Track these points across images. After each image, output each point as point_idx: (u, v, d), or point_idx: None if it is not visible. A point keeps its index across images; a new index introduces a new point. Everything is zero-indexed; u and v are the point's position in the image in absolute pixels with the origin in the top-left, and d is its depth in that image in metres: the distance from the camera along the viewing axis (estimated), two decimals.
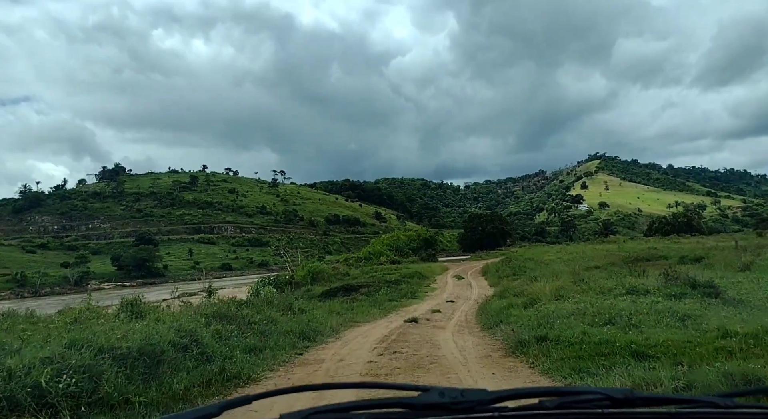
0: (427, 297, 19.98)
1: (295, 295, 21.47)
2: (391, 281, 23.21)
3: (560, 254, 28.69)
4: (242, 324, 9.95)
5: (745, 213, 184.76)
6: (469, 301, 17.15)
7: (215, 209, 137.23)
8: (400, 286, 21.90)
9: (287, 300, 14.35)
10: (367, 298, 18.33)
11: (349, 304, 16.60)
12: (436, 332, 10.86)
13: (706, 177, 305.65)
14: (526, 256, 29.56)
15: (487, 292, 20.04)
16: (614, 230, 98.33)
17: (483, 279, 27.61)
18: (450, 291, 21.93)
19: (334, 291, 20.70)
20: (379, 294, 19.14)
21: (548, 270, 19.52)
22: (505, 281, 20.95)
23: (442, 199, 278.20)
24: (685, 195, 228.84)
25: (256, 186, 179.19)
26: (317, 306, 15.66)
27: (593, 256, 24.22)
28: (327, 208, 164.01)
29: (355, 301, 17.47)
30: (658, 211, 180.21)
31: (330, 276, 27.14)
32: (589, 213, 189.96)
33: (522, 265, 24.85)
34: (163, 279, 78.94)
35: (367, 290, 20.36)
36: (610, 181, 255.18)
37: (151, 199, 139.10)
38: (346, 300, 17.81)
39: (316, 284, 24.46)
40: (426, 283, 25.73)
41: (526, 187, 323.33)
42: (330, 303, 16.62)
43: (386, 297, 18.46)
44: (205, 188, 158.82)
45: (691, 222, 49.38)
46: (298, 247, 50.15)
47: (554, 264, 22.80)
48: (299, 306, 13.82)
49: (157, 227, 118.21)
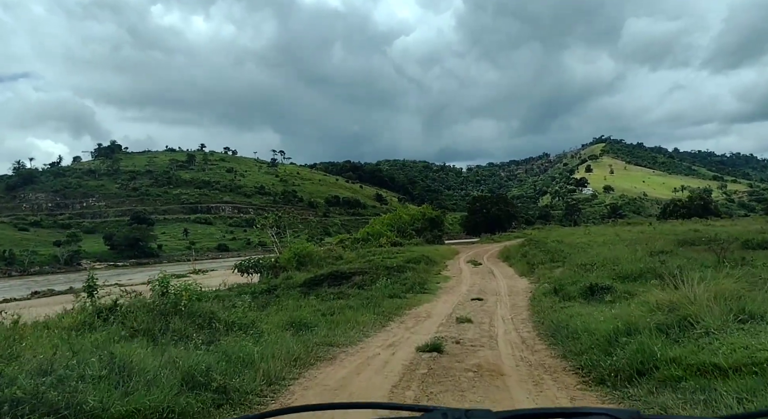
0: (440, 291, 15.50)
1: (269, 284, 17.37)
2: (392, 267, 19.16)
3: (590, 236, 24.26)
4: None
5: (752, 197, 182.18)
6: (502, 299, 13.00)
7: (213, 189, 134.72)
8: (404, 275, 17.67)
9: (209, 305, 7.98)
10: (359, 293, 14.12)
11: (332, 302, 12.37)
12: (489, 388, 5.57)
13: (712, 161, 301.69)
14: (552, 238, 25.28)
15: (518, 284, 16.05)
16: (622, 214, 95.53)
17: (506, 266, 23.55)
18: (469, 282, 17.69)
19: (319, 279, 17.16)
20: (377, 286, 15.00)
21: (601, 256, 14.84)
22: (543, 269, 16.81)
23: (444, 181, 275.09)
24: (691, 179, 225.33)
25: (255, 166, 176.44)
26: (281, 308, 11.32)
27: (637, 239, 20.23)
28: (327, 189, 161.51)
29: (342, 297, 13.43)
30: (664, 195, 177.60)
31: (320, 259, 23.47)
32: (594, 197, 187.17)
33: (557, 249, 20.44)
34: (157, 260, 76.76)
35: (362, 279, 16.60)
36: (615, 165, 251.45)
37: (147, 178, 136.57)
38: (332, 294, 13.98)
39: (302, 269, 20.80)
40: (436, 270, 21.71)
41: (530, 170, 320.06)
42: (304, 302, 12.45)
43: (386, 292, 14.16)
44: (202, 167, 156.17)
45: (707, 205, 46.91)
46: (286, 225, 46.24)
47: (597, 247, 18.38)
48: (235, 316, 8.05)
49: (153, 206, 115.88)
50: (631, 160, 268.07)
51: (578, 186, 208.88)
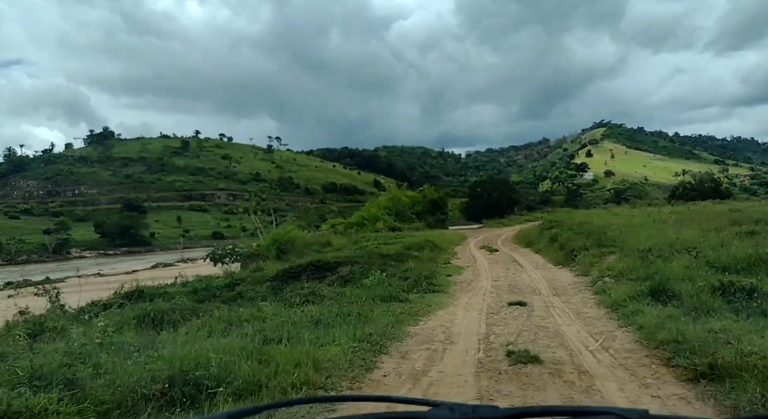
0: (455, 287, 11.77)
1: (232, 278, 14.68)
2: (389, 256, 15.84)
3: (619, 218, 20.77)
4: None
5: (754, 181, 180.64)
6: (550, 302, 9.39)
7: (207, 175, 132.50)
8: (405, 265, 14.27)
9: None
10: (341, 292, 10.47)
11: (293, 310, 8.58)
12: None
13: (713, 145, 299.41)
14: (576, 220, 21.72)
15: (558, 276, 12.65)
16: (626, 197, 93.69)
17: (530, 252, 20.21)
18: (490, 274, 14.05)
19: (296, 271, 14.27)
20: (368, 281, 11.53)
21: (664, 239, 12.10)
22: (588, 257, 13.70)
23: (442, 167, 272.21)
24: (693, 163, 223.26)
25: (250, 152, 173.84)
26: (191, 330, 7.31)
27: (681, 219, 17.23)
28: (324, 175, 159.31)
29: (313, 299, 9.80)
30: (665, 180, 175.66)
31: (305, 246, 20.62)
32: (595, 182, 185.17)
33: (600, 231, 16.77)
34: (149, 248, 74.76)
35: (349, 270, 13.64)
36: (616, 149, 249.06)
37: (141, 165, 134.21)
38: (300, 295, 10.40)
39: (283, 257, 17.99)
40: (444, 259, 18.32)
41: (529, 155, 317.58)
42: (247, 311, 8.66)
43: (379, 290, 10.32)
44: (197, 154, 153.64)
45: (718, 187, 45.18)
46: (271, 210, 43.54)
47: (645, 228, 15.44)
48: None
49: (147, 193, 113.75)
50: (632, 145, 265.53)
51: (579, 171, 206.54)
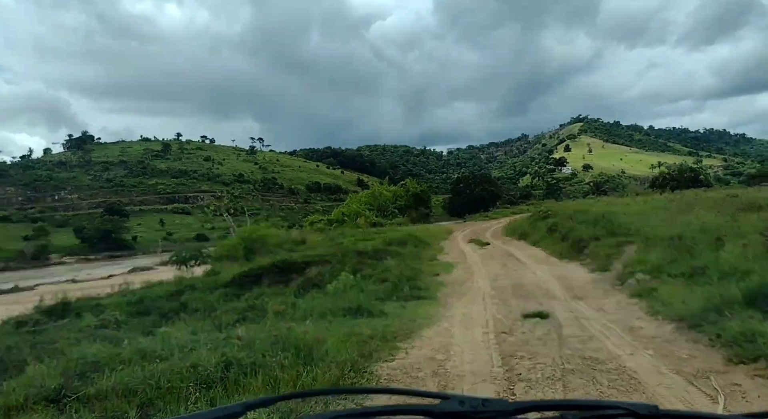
0: (446, 291, 9.69)
1: (181, 284, 13.60)
2: (365, 253, 14.28)
3: (615, 206, 19.01)
4: None
5: (727, 171, 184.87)
6: (579, 311, 7.32)
7: (190, 178, 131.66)
8: (384, 264, 12.66)
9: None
10: (295, 302, 8.91)
11: (212, 335, 5.85)
12: None
13: (686, 137, 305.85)
14: (574, 209, 20.19)
15: (570, 273, 11.07)
16: (605, 190, 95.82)
17: (526, 245, 18.41)
18: (485, 272, 12.31)
19: (256, 274, 13.09)
20: (331, 287, 9.88)
21: (689, 227, 10.85)
22: (600, 248, 12.10)
23: (425, 165, 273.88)
24: (667, 155, 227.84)
25: (233, 154, 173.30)
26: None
27: (683, 207, 15.64)
28: (307, 175, 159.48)
29: (257, 314, 8.28)
30: (641, 172, 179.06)
31: (277, 245, 19.19)
32: (574, 176, 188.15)
33: (609, 220, 14.86)
34: (131, 252, 74.26)
35: (318, 271, 12.55)
36: (593, 143, 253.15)
37: (121, 168, 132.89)
38: (240, 311, 8.87)
39: (252, 257, 16.67)
40: (430, 255, 16.74)
41: (509, 151, 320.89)
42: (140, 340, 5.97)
43: (348, 299, 8.38)
44: (179, 156, 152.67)
45: (698, 177, 46.83)
46: (245, 209, 42.60)
47: (654, 216, 14.24)
48: None
49: (128, 197, 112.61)
50: (609, 139, 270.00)
51: (557, 165, 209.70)
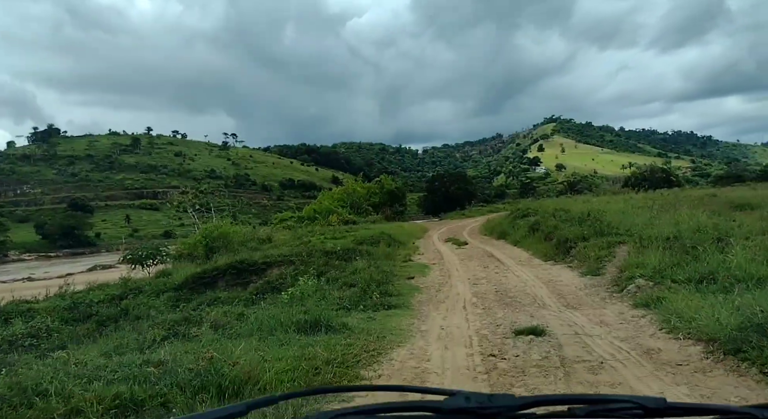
0: (421, 298, 8.88)
1: (125, 288, 12.56)
2: (334, 253, 13.27)
3: (593, 205, 17.91)
4: None
5: (695, 173, 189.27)
6: (577, 325, 6.49)
7: (159, 173, 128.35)
8: (353, 265, 11.53)
9: None
10: (243, 313, 7.88)
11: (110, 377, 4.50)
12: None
13: (656, 139, 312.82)
14: (553, 207, 19.33)
15: (556, 276, 10.21)
16: (579, 189, 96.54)
17: (507, 245, 17.55)
18: (464, 274, 11.47)
19: (211, 276, 12.18)
20: (286, 295, 8.75)
21: (682, 225, 10.51)
22: (588, 249, 11.17)
23: (400, 163, 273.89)
24: (638, 156, 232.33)
25: (205, 149, 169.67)
26: None
27: (665, 205, 15.48)
28: (281, 172, 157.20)
29: (193, 327, 7.29)
30: (613, 172, 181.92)
31: (241, 243, 18.16)
32: (547, 176, 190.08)
33: (596, 219, 13.87)
34: (94, 249, 71.59)
35: (280, 273, 11.63)
36: (566, 144, 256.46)
37: (88, 163, 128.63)
38: (170, 326, 7.46)
39: (213, 256, 15.54)
40: (404, 255, 15.76)
41: (484, 150, 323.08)
42: None
43: (307, 308, 7.40)
44: (148, 151, 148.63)
45: (669, 177, 47.51)
46: (210, 204, 40.83)
47: (638, 214, 13.72)
48: None
49: (94, 192, 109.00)
50: (581, 139, 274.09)
51: (531, 165, 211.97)
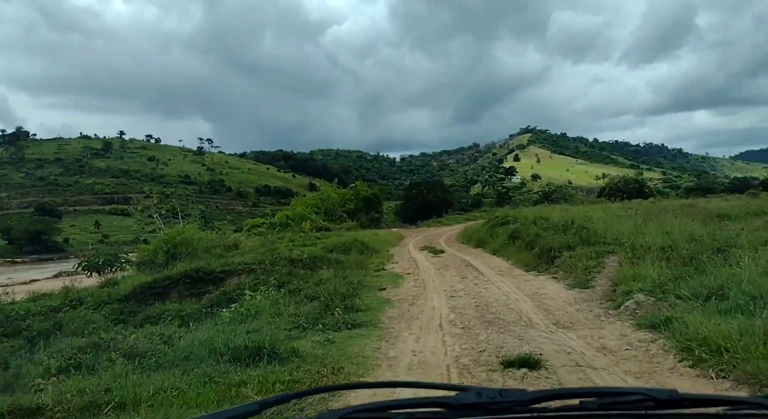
0: (390, 315, 8.03)
1: (66, 298, 11.76)
2: (300, 261, 12.64)
3: (573, 214, 17.35)
4: None
5: (666, 184, 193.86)
6: (570, 344, 5.83)
7: (131, 178, 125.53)
8: (318, 275, 10.79)
9: None
10: (173, 335, 7.03)
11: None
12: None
13: (628, 151, 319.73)
14: (532, 215, 18.65)
15: (541, 289, 9.46)
16: (554, 199, 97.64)
17: (485, 253, 16.69)
18: (440, 285, 10.65)
19: (163, 286, 11.37)
20: (228, 313, 8.09)
21: (672, 234, 10.07)
22: (573, 259, 10.63)
23: (378, 171, 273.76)
24: (611, 167, 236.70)
25: (179, 154, 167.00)
26: None
27: (651, 214, 15.16)
28: (257, 178, 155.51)
29: (104, 352, 6.44)
30: (587, 183, 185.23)
31: (205, 249, 17.08)
32: (523, 185, 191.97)
33: (581, 227, 13.24)
34: (63, 255, 69.30)
35: (239, 282, 10.84)
36: (541, 154, 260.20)
37: (57, 166, 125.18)
38: (71, 354, 6.38)
39: (173, 263, 14.56)
40: (377, 264, 15.00)
41: (461, 159, 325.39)
42: None
43: (257, 327, 6.76)
44: (120, 155, 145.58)
45: (642, 188, 48.36)
46: (178, 209, 39.38)
47: (622, 223, 13.45)
48: None
49: (63, 197, 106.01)
50: (556, 150, 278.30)
51: (507, 175, 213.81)
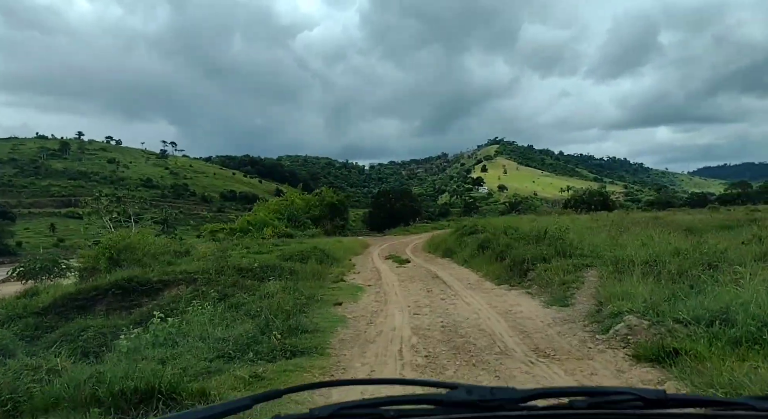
0: (342, 337, 7.04)
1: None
2: (249, 271, 11.70)
3: (542, 224, 16.63)
4: None
5: (627, 198, 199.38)
6: (558, 382, 4.81)
7: (90, 180, 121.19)
8: (264, 288, 9.81)
9: None
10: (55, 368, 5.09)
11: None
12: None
13: (592, 164, 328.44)
14: (502, 225, 18.06)
15: (515, 307, 8.56)
16: (520, 210, 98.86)
17: (453, 264, 16.13)
18: (405, 301, 9.73)
19: (88, 297, 10.44)
20: (140, 338, 6.86)
21: (653, 247, 9.77)
22: (556, 273, 9.79)
23: (346, 178, 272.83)
24: (576, 180, 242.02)
25: (141, 157, 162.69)
26: None
27: (622, 226, 15.23)
28: (223, 183, 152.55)
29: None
30: (552, 195, 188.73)
31: (153, 256, 15.54)
32: (490, 196, 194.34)
33: (557, 238, 12.71)
34: (15, 259, 65.87)
35: (176, 294, 10.04)
36: (508, 165, 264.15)
37: (11, 167, 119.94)
38: None
39: (115, 270, 13.11)
40: (336, 274, 14.18)
41: (429, 169, 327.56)
42: None
43: (173, 355, 5.77)
44: (78, 157, 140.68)
45: (606, 200, 49.28)
46: (130, 212, 37.54)
47: (593, 234, 13.22)
48: None
49: (17, 199, 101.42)
50: (523, 161, 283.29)
51: (475, 185, 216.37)
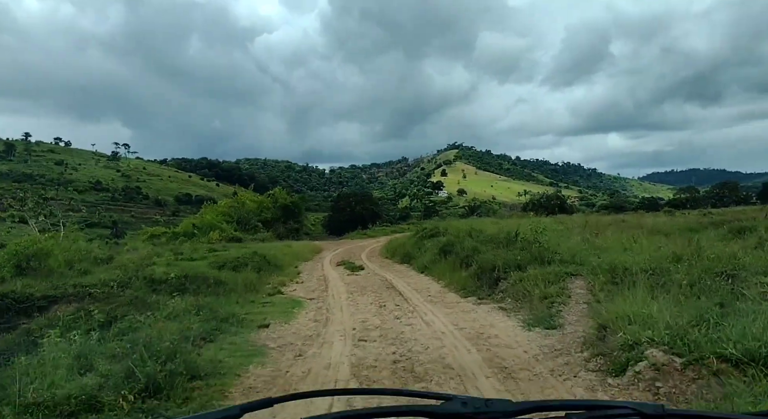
0: (253, 383, 5.39)
1: None
2: (165, 282, 10.49)
3: (503, 226, 16.34)
4: None
5: (582, 202, 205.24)
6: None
7: (36, 183, 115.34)
8: (170, 305, 8.54)
9: None
10: None
11: None
12: None
13: (548, 169, 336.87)
14: (464, 227, 17.26)
15: (496, 329, 7.38)
16: (479, 213, 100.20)
17: (411, 271, 15.09)
18: (351, 321, 8.35)
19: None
20: None
21: (641, 254, 9.29)
22: (535, 285, 8.82)
23: (307, 182, 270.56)
24: (532, 185, 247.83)
25: (92, 159, 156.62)
26: None
27: (591, 229, 15.01)
28: (178, 186, 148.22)
29: None
30: (509, 199, 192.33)
31: (68, 262, 13.21)
32: (449, 200, 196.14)
33: (531, 242, 11.89)
34: None
35: (49, 318, 8.29)
36: (467, 170, 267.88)
37: None
38: None
39: (23, 279, 10.70)
40: (274, 284, 12.60)
41: (390, 173, 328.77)
42: None
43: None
44: (24, 158, 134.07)
45: (564, 204, 50.48)
46: (59, 214, 35.26)
47: (562, 235, 13.18)
48: None
49: None
50: (481, 166, 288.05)
51: (435, 189, 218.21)
